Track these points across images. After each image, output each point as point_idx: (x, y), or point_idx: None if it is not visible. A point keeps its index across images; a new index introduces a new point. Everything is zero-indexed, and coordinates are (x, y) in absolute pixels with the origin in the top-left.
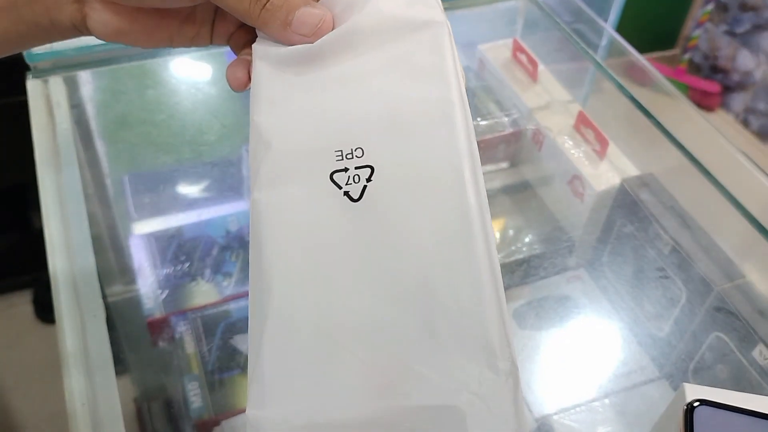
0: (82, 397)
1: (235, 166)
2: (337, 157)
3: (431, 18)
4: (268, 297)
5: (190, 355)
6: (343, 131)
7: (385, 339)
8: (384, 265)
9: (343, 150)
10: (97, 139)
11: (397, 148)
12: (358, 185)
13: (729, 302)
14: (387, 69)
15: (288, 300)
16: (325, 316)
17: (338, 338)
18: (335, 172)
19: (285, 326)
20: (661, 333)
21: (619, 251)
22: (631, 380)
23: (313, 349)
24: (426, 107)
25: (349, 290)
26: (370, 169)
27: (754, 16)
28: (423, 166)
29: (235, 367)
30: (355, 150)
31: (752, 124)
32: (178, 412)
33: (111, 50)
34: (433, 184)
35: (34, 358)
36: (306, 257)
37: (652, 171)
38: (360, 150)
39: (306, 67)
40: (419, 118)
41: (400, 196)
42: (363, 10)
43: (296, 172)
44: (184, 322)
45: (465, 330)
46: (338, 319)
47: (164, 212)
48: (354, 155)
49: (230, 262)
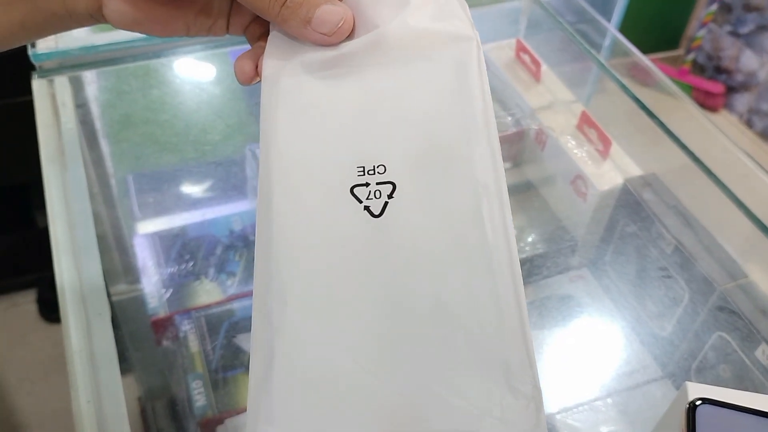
0: (87, 394)
1: (238, 165)
2: (359, 172)
3: (460, 33)
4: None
5: (194, 353)
6: (365, 146)
7: (402, 359)
8: (403, 284)
9: (365, 166)
10: (102, 139)
11: (420, 167)
12: (379, 201)
13: (732, 302)
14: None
15: (302, 314)
16: (340, 333)
17: (354, 357)
18: (356, 186)
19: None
20: (664, 332)
21: (621, 251)
22: (634, 379)
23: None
24: (451, 127)
25: (365, 308)
26: (392, 186)
27: (758, 17)
28: (446, 186)
29: (239, 366)
30: (377, 167)
31: (756, 124)
32: (182, 411)
33: (116, 50)
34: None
35: (37, 356)
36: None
37: (655, 171)
38: (383, 167)
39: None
40: (443, 138)
41: (422, 216)
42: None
43: (314, 182)
44: (188, 321)
45: (485, 352)
46: (354, 337)
47: (168, 212)
48: (376, 171)
49: (234, 261)
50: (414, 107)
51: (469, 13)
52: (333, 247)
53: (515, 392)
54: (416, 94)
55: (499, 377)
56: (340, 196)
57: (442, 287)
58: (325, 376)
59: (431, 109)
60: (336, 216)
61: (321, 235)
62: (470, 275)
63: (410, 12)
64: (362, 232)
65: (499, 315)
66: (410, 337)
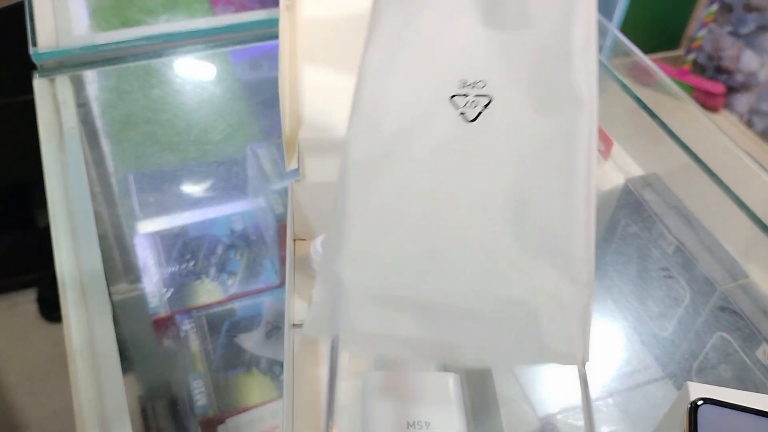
0: (88, 394)
1: (240, 165)
2: (460, 84)
3: None
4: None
5: (195, 353)
6: (471, 62)
7: (473, 233)
8: (483, 174)
9: (467, 79)
10: (103, 138)
11: (518, 85)
12: (474, 109)
13: (733, 302)
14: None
15: (383, 182)
16: (422, 202)
17: (428, 224)
18: (455, 96)
19: (383, 209)
20: (665, 332)
21: (623, 251)
22: (635, 379)
23: (404, 231)
24: (552, 53)
25: (446, 190)
26: (488, 99)
27: (759, 17)
28: (540, 102)
29: (240, 365)
30: (478, 82)
31: (756, 124)
32: (182, 410)
33: (117, 50)
34: (547, 119)
35: (38, 356)
36: (413, 155)
37: (656, 171)
38: (482, 82)
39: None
40: (544, 63)
41: (513, 124)
42: None
43: (418, 86)
44: (189, 321)
45: (552, 242)
46: (431, 209)
47: (169, 211)
48: (476, 85)
49: (235, 260)
50: (521, 40)
51: None
52: (425, 140)
53: (573, 278)
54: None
55: (561, 263)
56: (440, 100)
57: (521, 183)
58: (398, 228)
59: (537, 40)
60: (432, 114)
61: (416, 129)
62: (550, 178)
63: None
64: (454, 132)
65: (569, 214)
66: (484, 219)
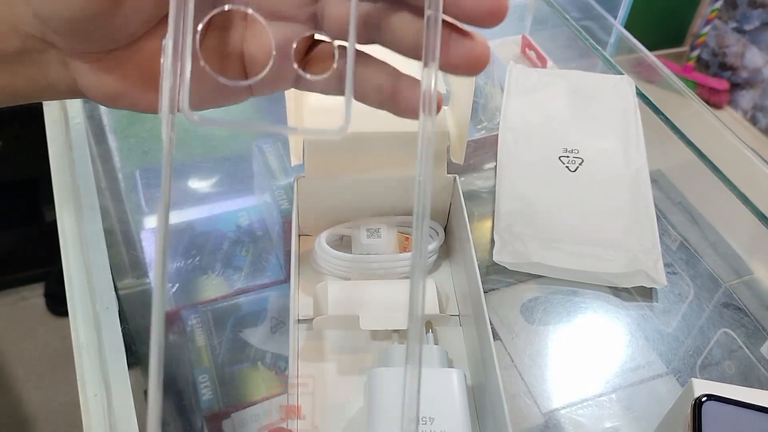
0: (94, 388)
1: (246, 161)
2: (563, 151)
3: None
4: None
5: (201, 347)
6: (568, 138)
7: (581, 220)
8: (585, 201)
9: (567, 148)
10: (110, 134)
11: (598, 152)
12: (574, 164)
13: (737, 298)
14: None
15: (526, 195)
16: (544, 200)
17: (550, 204)
18: (561, 156)
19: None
20: (669, 329)
21: None
22: (639, 375)
23: (531, 205)
24: (615, 136)
25: (561, 208)
26: (581, 159)
27: (763, 14)
28: (612, 164)
29: (245, 360)
30: (573, 150)
31: (760, 121)
32: (188, 405)
33: None
34: (618, 175)
35: (45, 350)
36: (535, 190)
37: (660, 167)
38: (576, 150)
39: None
40: (612, 140)
41: (598, 175)
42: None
43: (537, 150)
44: (194, 315)
45: (632, 229)
46: (552, 213)
47: (175, 206)
48: (572, 151)
49: (240, 256)
50: (597, 118)
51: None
52: (543, 181)
53: (646, 248)
54: (598, 111)
55: (639, 239)
56: (552, 159)
57: (610, 200)
58: (528, 209)
59: (605, 125)
60: (548, 168)
61: (538, 175)
62: (627, 198)
63: None
64: (562, 177)
65: (639, 214)
66: (587, 215)
